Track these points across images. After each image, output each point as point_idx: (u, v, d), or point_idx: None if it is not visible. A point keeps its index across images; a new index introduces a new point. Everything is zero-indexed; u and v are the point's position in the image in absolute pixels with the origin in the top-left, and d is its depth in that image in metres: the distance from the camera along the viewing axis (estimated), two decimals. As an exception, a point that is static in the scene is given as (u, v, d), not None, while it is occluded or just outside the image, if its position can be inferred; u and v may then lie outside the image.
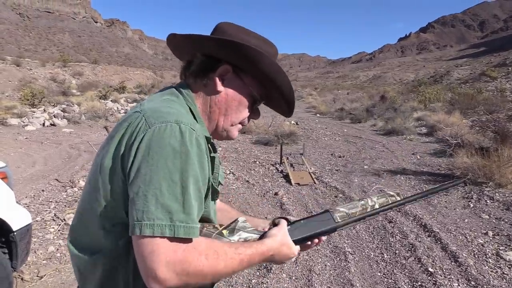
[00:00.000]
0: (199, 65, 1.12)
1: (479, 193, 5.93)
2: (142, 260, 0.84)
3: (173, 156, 0.87)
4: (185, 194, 0.87)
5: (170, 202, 0.85)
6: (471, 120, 13.13)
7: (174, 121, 0.91)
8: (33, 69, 45.13)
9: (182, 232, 0.85)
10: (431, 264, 3.82)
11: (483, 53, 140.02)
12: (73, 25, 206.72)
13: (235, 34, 1.09)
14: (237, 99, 1.13)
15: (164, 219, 0.84)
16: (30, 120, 15.01)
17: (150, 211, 0.84)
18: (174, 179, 0.86)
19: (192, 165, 0.89)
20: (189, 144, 0.89)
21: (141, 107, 1.01)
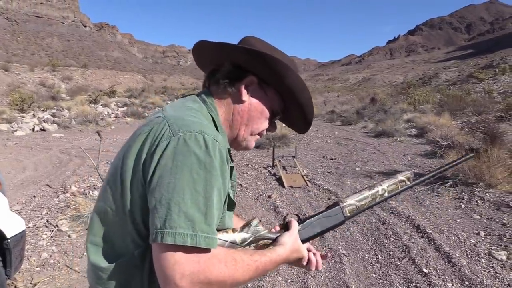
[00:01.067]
0: (226, 74, 1.13)
1: (470, 193, 5.99)
2: (162, 269, 0.83)
3: (197, 165, 0.87)
4: (208, 205, 0.87)
5: (193, 212, 0.85)
6: (461, 121, 13.28)
7: (199, 131, 0.91)
8: (22, 74, 44.70)
9: (203, 242, 0.84)
10: (425, 264, 3.85)
11: (470, 55, 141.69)
12: (62, 29, 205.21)
13: (262, 48, 1.10)
14: (259, 110, 1.15)
15: (186, 228, 0.83)
16: (19, 125, 14.87)
17: (172, 219, 0.84)
18: (198, 189, 0.86)
19: (216, 176, 0.89)
20: (213, 155, 0.90)
21: (163, 113, 1.02)
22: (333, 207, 1.21)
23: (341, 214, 1.19)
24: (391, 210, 5.52)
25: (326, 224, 1.19)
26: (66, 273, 3.83)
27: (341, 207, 1.20)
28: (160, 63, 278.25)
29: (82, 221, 5.02)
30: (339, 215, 1.19)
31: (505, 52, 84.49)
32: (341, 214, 1.19)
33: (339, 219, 1.19)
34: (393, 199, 6.00)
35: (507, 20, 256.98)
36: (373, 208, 5.60)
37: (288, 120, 1.27)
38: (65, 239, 4.63)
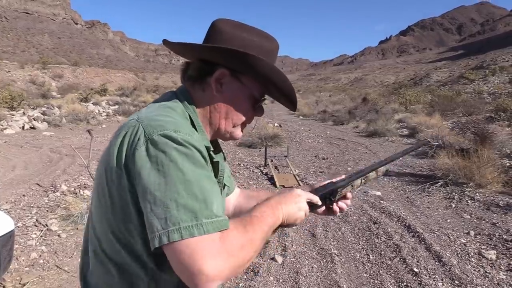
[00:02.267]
0: (196, 70, 1.11)
1: (460, 193, 6.04)
2: (183, 267, 0.81)
3: (181, 159, 0.86)
4: (203, 190, 0.86)
5: (192, 202, 0.83)
6: (451, 121, 13.39)
7: (173, 130, 0.90)
8: (12, 71, 44.26)
9: (211, 228, 0.83)
10: (416, 264, 3.88)
11: (461, 56, 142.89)
12: (52, 27, 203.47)
13: (232, 33, 1.06)
14: (237, 102, 1.11)
15: (189, 220, 0.82)
16: (9, 124, 14.71)
17: (173, 216, 0.82)
18: (189, 179, 0.85)
19: (200, 164, 0.90)
20: (191, 148, 0.89)
21: (138, 115, 1.00)
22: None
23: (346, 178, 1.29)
24: (382, 209, 5.54)
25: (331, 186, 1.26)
26: (55, 273, 3.79)
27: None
28: (152, 62, 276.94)
29: (72, 221, 4.97)
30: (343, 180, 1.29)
31: (495, 53, 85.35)
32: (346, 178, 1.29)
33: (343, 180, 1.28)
34: (385, 199, 6.03)
35: (498, 22, 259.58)
36: (365, 208, 5.63)
37: (275, 99, 1.20)
38: (55, 238, 4.59)
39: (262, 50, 1.07)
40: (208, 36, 1.10)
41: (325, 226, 5.02)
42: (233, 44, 1.04)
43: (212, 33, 1.09)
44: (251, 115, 1.17)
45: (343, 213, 5.41)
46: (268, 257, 4.13)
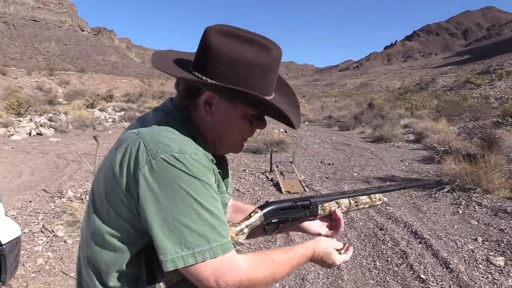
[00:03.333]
0: (184, 91, 1.05)
1: (467, 199, 5.99)
2: (204, 283, 0.88)
3: (189, 182, 0.87)
4: (212, 215, 0.89)
5: (204, 228, 0.87)
6: (458, 127, 13.33)
7: (178, 150, 0.89)
8: (19, 78, 44.68)
9: (220, 251, 0.88)
10: (423, 271, 3.84)
11: (467, 61, 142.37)
12: (59, 34, 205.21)
13: (223, 48, 0.96)
14: (229, 122, 1.04)
15: (202, 245, 0.86)
16: (16, 130, 14.83)
17: (188, 241, 0.86)
18: (201, 203, 0.88)
19: (208, 185, 0.91)
20: (197, 170, 0.89)
21: (139, 130, 0.97)
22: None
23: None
24: (388, 215, 5.51)
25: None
26: (61, 279, 3.80)
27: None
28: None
29: (78, 227, 4.98)
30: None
31: (502, 57, 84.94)
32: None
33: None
34: (391, 205, 6.00)
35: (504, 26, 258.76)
36: (371, 214, 5.60)
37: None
38: (61, 244, 4.60)
39: (257, 67, 0.97)
40: (198, 49, 1.02)
41: (331, 232, 4.99)
42: (220, 64, 0.96)
43: (202, 45, 1.00)
44: (248, 132, 1.10)
45: (349, 219, 5.38)
46: (274, 264, 4.11)
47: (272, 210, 1.13)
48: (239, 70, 0.96)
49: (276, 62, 1.02)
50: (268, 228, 1.14)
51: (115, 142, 1.03)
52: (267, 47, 0.98)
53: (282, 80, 1.19)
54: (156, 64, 1.02)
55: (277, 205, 1.15)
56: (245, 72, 0.96)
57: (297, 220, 1.20)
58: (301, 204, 1.19)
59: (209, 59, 0.97)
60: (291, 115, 1.04)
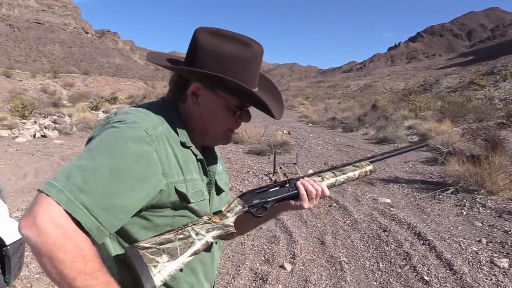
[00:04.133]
0: (173, 83, 1.15)
1: (472, 200, 5.97)
2: (31, 205, 0.84)
3: (114, 143, 0.92)
4: (96, 174, 0.86)
5: (76, 174, 0.85)
6: (462, 128, 13.27)
7: (132, 121, 0.97)
8: (24, 80, 44.91)
9: (64, 200, 0.82)
10: (427, 272, 3.83)
11: (471, 62, 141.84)
12: (63, 36, 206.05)
13: (207, 44, 1.06)
14: (215, 113, 1.12)
15: (60, 182, 0.84)
16: (20, 132, 14.89)
17: (59, 172, 0.88)
18: (97, 158, 0.89)
19: (129, 159, 0.91)
20: (131, 137, 0.94)
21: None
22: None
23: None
24: (392, 217, 5.50)
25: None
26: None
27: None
28: (162, 70, 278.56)
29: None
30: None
31: (506, 58, 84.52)
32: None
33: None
34: (394, 206, 5.99)
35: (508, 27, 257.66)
36: (374, 215, 5.59)
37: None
38: (65, 246, 4.61)
39: (238, 60, 1.06)
40: (188, 48, 1.12)
41: (334, 234, 4.99)
42: (206, 58, 1.06)
43: (191, 44, 1.11)
44: (233, 123, 1.16)
45: (352, 221, 5.38)
46: (277, 265, 4.12)
47: (249, 193, 1.18)
48: (222, 63, 1.05)
49: (257, 56, 1.09)
50: (255, 211, 1.16)
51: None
52: (248, 43, 1.08)
53: (266, 78, 1.26)
54: (151, 58, 1.15)
55: (252, 189, 1.20)
56: (227, 65, 1.05)
57: (282, 200, 1.20)
58: (278, 184, 1.21)
59: (196, 54, 1.07)
60: (272, 105, 1.13)
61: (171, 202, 1.01)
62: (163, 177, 0.98)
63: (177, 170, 1.03)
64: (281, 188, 1.21)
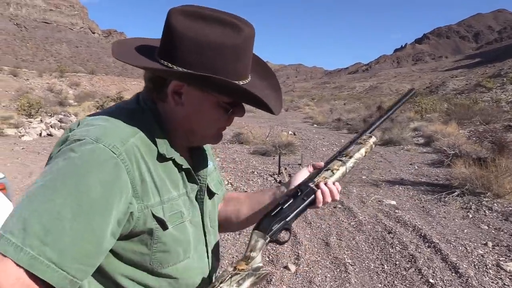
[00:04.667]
0: (149, 81, 0.96)
1: (478, 203, 5.93)
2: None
3: (70, 173, 0.76)
4: (60, 222, 0.72)
5: (34, 222, 0.70)
6: (468, 130, 13.21)
7: (94, 139, 0.79)
8: (30, 79, 45.22)
9: (25, 259, 0.68)
10: (432, 275, 3.81)
11: (478, 64, 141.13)
12: (70, 36, 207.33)
13: (185, 30, 0.85)
14: (202, 113, 0.94)
15: (17, 235, 0.69)
16: (26, 131, 14.99)
17: (11, 221, 0.72)
18: (55, 198, 0.73)
19: (93, 192, 0.75)
20: (92, 165, 0.77)
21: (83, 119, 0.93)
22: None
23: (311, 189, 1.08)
24: (397, 219, 5.47)
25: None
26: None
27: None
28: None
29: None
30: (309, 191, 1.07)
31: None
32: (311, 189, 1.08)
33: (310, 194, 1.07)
34: (400, 208, 5.96)
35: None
36: (379, 217, 5.56)
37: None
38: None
39: (226, 48, 0.86)
40: (162, 33, 0.92)
41: (339, 235, 4.97)
42: (185, 48, 0.86)
43: (165, 31, 0.90)
44: (225, 121, 0.98)
45: (357, 222, 5.36)
46: (281, 266, 4.11)
47: (264, 219, 1.02)
48: (206, 54, 0.86)
49: (249, 42, 0.90)
50: (278, 238, 1.02)
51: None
52: (237, 26, 0.87)
53: (260, 61, 1.09)
54: (117, 55, 0.91)
55: (266, 213, 1.04)
56: (213, 55, 0.86)
57: (301, 213, 1.07)
58: (291, 195, 1.07)
59: (173, 44, 0.88)
60: (271, 99, 0.97)
61: (148, 229, 0.85)
62: (135, 200, 0.82)
63: (152, 190, 0.86)
64: (295, 199, 1.06)
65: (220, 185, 1.20)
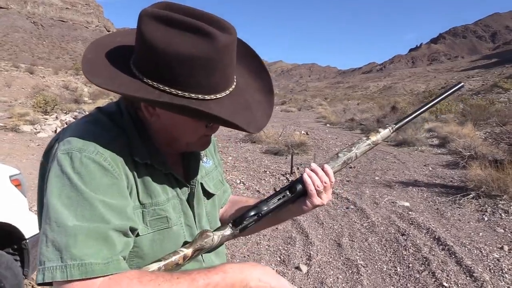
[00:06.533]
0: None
1: (493, 206, 5.83)
2: None
3: (68, 188, 0.76)
4: (78, 224, 0.73)
5: (60, 238, 0.72)
6: (484, 131, 13.01)
7: (77, 149, 0.79)
8: (46, 76, 45.80)
9: (76, 272, 0.70)
10: (446, 278, 3.75)
11: (495, 64, 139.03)
12: (86, 34, 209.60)
13: (155, 37, 0.78)
14: (179, 125, 0.90)
15: (55, 259, 0.71)
16: (42, 127, 15.17)
17: (42, 252, 0.73)
18: (65, 212, 0.74)
19: (92, 192, 0.77)
20: (86, 173, 0.77)
21: (65, 128, 0.93)
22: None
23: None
24: (411, 221, 5.40)
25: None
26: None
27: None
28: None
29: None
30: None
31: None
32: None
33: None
34: (413, 210, 5.89)
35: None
36: (392, 218, 5.50)
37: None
38: (83, 240, 4.66)
39: (197, 61, 0.79)
40: (135, 39, 0.85)
41: (351, 236, 4.93)
42: (152, 60, 0.80)
43: (136, 37, 0.84)
44: (207, 130, 0.93)
45: (370, 224, 5.31)
46: (293, 266, 4.09)
47: (244, 213, 0.99)
48: (176, 67, 0.79)
49: (225, 50, 0.80)
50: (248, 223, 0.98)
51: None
52: (209, 34, 0.78)
53: (254, 56, 1.02)
54: (88, 73, 0.83)
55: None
56: (183, 69, 0.79)
57: (286, 202, 1.00)
58: (282, 187, 1.03)
59: (143, 54, 0.82)
60: (257, 110, 0.92)
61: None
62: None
63: (134, 193, 0.87)
64: (282, 191, 1.02)
65: (222, 184, 1.18)
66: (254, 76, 0.98)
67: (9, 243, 2.82)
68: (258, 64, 1.01)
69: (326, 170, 1.01)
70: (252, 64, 1.00)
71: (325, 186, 1.00)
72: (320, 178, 0.99)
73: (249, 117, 0.88)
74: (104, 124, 0.88)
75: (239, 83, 0.91)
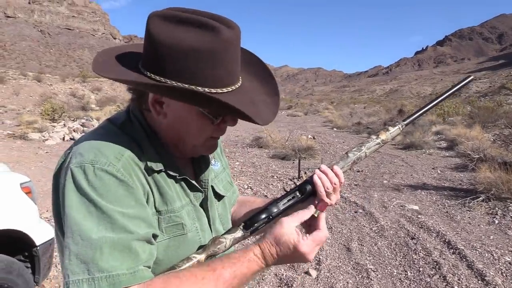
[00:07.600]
0: (130, 90, 0.95)
1: (504, 209, 5.77)
2: None
3: (86, 200, 0.77)
4: (102, 237, 0.75)
5: (85, 251, 0.73)
6: (493, 134, 12.91)
7: (90, 161, 0.80)
8: (54, 84, 46.15)
9: (104, 284, 0.72)
10: (457, 282, 3.71)
11: (502, 66, 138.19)
12: (92, 42, 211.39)
13: (162, 34, 0.82)
14: (187, 123, 0.91)
15: (80, 272, 0.73)
16: (50, 135, 15.26)
17: (66, 266, 0.74)
18: (87, 224, 0.75)
19: (109, 204, 0.77)
20: (100, 186, 0.78)
21: (79, 139, 0.92)
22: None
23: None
24: (420, 224, 5.36)
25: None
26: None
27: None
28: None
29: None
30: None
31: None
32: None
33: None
34: (423, 214, 5.85)
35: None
36: (402, 222, 5.47)
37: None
38: (92, 247, 4.68)
39: (202, 53, 0.81)
40: (144, 37, 0.88)
41: (360, 241, 4.90)
42: (161, 54, 0.83)
43: (145, 37, 0.87)
44: (213, 131, 0.94)
45: (379, 228, 5.28)
46: (302, 271, 4.07)
47: (254, 215, 0.98)
48: (181, 60, 0.81)
49: (229, 45, 0.83)
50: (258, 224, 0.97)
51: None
52: (213, 28, 0.81)
53: (261, 63, 1.04)
54: (96, 68, 0.88)
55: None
56: (188, 62, 0.81)
57: (295, 203, 0.99)
58: (290, 190, 1.02)
59: (150, 50, 0.85)
60: (263, 107, 0.93)
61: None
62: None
63: (150, 201, 0.88)
64: (291, 192, 1.01)
65: (231, 186, 1.20)
66: (260, 81, 1.00)
67: (20, 250, 2.83)
68: (263, 70, 1.03)
69: (336, 171, 1.00)
70: (258, 70, 1.02)
71: (335, 187, 0.98)
72: (330, 180, 0.97)
73: (255, 111, 0.89)
74: (114, 135, 0.89)
75: (244, 85, 0.93)
